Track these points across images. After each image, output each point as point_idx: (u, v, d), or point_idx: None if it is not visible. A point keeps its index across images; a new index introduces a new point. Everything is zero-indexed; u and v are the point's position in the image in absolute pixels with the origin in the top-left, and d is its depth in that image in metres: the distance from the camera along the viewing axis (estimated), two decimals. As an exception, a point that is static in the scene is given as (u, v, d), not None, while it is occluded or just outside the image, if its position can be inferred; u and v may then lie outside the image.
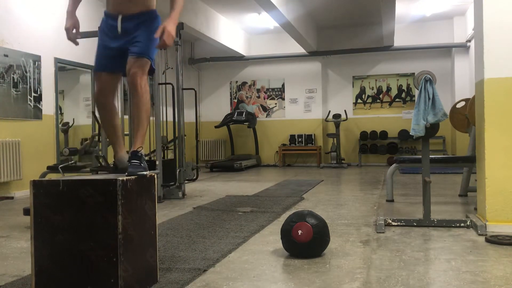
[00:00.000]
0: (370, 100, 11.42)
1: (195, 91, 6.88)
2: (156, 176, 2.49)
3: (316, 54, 11.22)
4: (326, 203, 5.14)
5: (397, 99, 11.28)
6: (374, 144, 11.07)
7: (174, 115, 6.07)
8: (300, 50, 10.99)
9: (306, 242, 2.83)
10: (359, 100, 11.48)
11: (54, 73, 7.03)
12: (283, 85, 11.81)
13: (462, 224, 3.68)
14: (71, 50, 6.85)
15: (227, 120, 11.28)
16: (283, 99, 11.81)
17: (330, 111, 11.30)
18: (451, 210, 4.55)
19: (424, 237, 3.43)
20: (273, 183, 7.39)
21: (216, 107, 12.13)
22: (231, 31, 10.66)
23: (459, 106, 5.41)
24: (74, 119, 7.92)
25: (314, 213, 3.01)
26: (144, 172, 2.37)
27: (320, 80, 11.49)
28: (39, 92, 6.68)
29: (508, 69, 3.54)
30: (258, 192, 6.25)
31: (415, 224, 3.77)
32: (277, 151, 11.58)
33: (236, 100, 12.13)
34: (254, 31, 11.41)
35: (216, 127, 11.39)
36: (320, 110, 11.48)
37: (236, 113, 11.27)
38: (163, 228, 3.79)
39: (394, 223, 3.79)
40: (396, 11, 8.31)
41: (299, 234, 2.83)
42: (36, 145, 6.61)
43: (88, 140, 6.52)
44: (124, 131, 4.89)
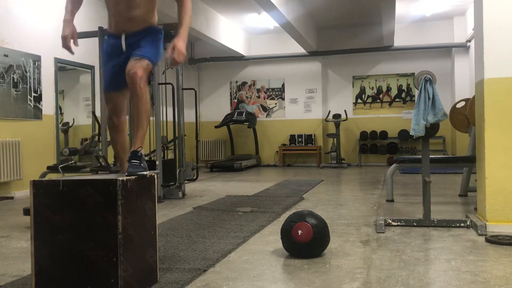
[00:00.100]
0: (370, 100, 11.43)
1: (195, 91, 6.88)
2: (156, 176, 2.49)
3: (316, 54, 11.22)
4: (326, 203, 5.14)
5: (397, 99, 11.28)
6: (374, 144, 11.07)
7: (174, 115, 6.07)
8: (300, 50, 10.99)
9: (306, 242, 2.83)
10: (359, 100, 11.48)
11: (54, 73, 7.03)
12: (283, 85, 11.81)
13: (462, 224, 3.68)
14: (71, 50, 6.83)
15: (227, 120, 11.28)
16: (283, 99, 11.81)
17: (330, 111, 11.30)
18: (451, 210, 4.55)
19: (424, 237, 3.43)
20: (273, 183, 7.39)
21: (216, 107, 12.13)
22: (231, 31, 10.66)
23: (459, 106, 5.41)
24: (74, 119, 7.91)
25: (314, 213, 3.01)
26: (144, 172, 2.37)
27: (320, 80, 11.49)
28: (39, 92, 6.69)
29: (508, 69, 3.54)
30: (258, 192, 6.25)
31: (415, 224, 3.77)
32: (277, 151, 11.58)
33: (236, 100, 12.13)
34: (254, 31, 11.41)
35: (216, 127, 11.39)
36: (320, 110, 11.48)
37: (236, 113, 11.27)
38: (163, 228, 3.79)
39: (394, 223, 3.79)
40: (396, 11, 8.31)
41: (299, 234, 2.83)
42: (36, 145, 6.61)
43: (88, 140, 6.52)
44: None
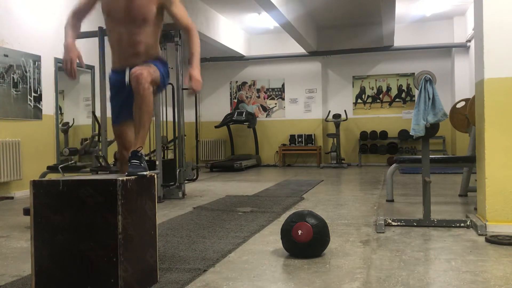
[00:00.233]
0: (370, 100, 11.43)
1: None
2: (156, 176, 2.49)
3: (316, 54, 11.22)
4: (326, 203, 5.14)
5: (397, 99, 11.28)
6: (374, 144, 11.07)
7: (174, 115, 6.07)
8: (300, 50, 10.99)
9: (306, 242, 2.83)
10: (359, 100, 11.48)
11: (54, 73, 7.03)
12: (283, 85, 11.81)
13: (462, 224, 3.68)
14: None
15: (227, 120, 11.28)
16: (283, 99, 11.81)
17: (330, 111, 11.30)
18: (451, 210, 4.55)
19: (424, 237, 3.43)
20: (273, 183, 7.39)
21: (216, 107, 12.13)
22: (231, 31, 10.66)
23: (459, 106, 5.41)
24: (74, 119, 7.91)
25: (314, 213, 3.01)
26: (144, 172, 2.37)
27: (320, 80, 11.49)
28: (39, 92, 6.69)
29: (508, 69, 3.54)
30: (258, 192, 6.25)
31: (415, 224, 3.77)
32: (277, 151, 11.58)
33: (236, 100, 12.13)
34: (254, 31, 11.41)
35: (216, 127, 11.39)
36: (320, 110, 11.47)
37: (236, 113, 11.26)
38: (163, 228, 3.79)
39: (394, 223, 3.79)
40: (396, 11, 8.32)
41: (299, 234, 2.83)
42: (36, 145, 6.61)
43: (88, 140, 6.51)
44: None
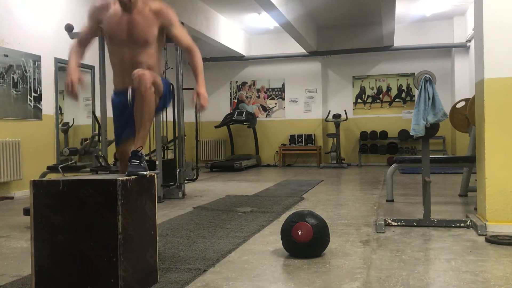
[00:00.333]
0: (370, 100, 11.42)
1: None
2: (156, 176, 2.49)
3: (316, 54, 11.22)
4: (326, 203, 5.14)
5: (397, 99, 11.28)
6: (374, 144, 11.07)
7: (174, 115, 6.07)
8: (300, 50, 10.99)
9: (306, 242, 2.83)
10: (359, 100, 11.48)
11: (54, 73, 7.03)
12: (283, 85, 11.81)
13: (462, 224, 3.68)
14: (71, 50, 6.83)
15: (227, 120, 11.28)
16: (283, 99, 11.81)
17: (330, 111, 11.29)
18: (451, 210, 4.55)
19: (424, 237, 3.43)
20: (273, 183, 7.39)
21: (216, 107, 12.12)
22: (231, 31, 10.65)
23: (459, 106, 5.41)
24: (74, 119, 7.91)
25: (314, 213, 3.01)
26: (144, 172, 2.37)
27: (320, 80, 11.49)
28: (39, 92, 6.68)
29: (508, 69, 3.54)
30: (258, 192, 6.25)
31: (415, 224, 3.77)
32: (277, 151, 11.58)
33: (236, 100, 12.13)
34: (254, 31, 11.41)
35: (216, 127, 11.39)
36: (320, 110, 11.47)
37: (236, 113, 11.26)
38: (163, 228, 3.79)
39: (394, 223, 3.79)
40: (396, 11, 8.31)
41: (299, 234, 2.83)
42: (36, 145, 6.61)
43: (88, 140, 6.51)
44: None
